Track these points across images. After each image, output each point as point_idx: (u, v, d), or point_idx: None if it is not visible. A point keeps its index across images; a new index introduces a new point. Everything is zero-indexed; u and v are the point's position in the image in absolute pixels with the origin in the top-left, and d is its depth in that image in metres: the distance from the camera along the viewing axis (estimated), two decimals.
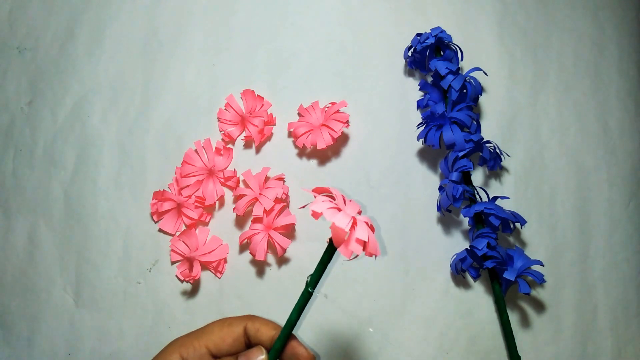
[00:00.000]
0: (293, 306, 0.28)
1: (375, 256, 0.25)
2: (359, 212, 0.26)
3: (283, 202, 0.42)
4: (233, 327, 0.30)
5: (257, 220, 0.42)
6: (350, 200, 0.26)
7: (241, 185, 0.44)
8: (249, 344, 0.31)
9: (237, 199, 0.42)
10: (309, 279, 0.27)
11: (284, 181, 0.44)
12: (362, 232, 0.24)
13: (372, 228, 0.25)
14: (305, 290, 0.27)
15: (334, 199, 0.26)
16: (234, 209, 0.42)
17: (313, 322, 0.42)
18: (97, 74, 0.48)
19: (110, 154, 0.46)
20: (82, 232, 0.45)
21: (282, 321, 0.42)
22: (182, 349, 0.30)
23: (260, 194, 0.41)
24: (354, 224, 0.24)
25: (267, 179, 0.43)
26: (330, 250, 0.26)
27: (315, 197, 0.26)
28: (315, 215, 0.24)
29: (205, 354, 0.30)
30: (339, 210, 0.24)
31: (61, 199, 0.46)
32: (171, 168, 0.45)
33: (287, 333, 0.28)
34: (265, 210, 0.41)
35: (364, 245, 0.24)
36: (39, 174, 0.47)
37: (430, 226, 0.43)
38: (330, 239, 0.26)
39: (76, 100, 0.48)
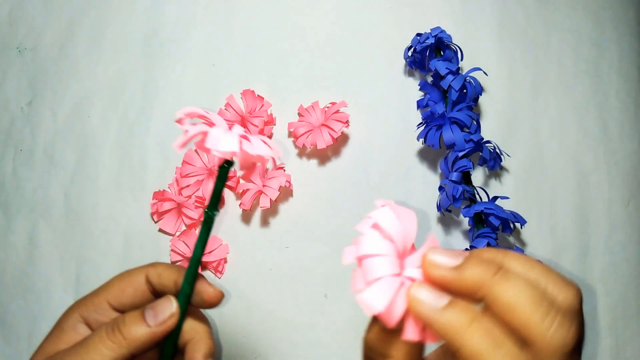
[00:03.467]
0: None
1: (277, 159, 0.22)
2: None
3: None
4: (133, 277, 0.28)
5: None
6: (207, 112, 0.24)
7: (241, 181, 0.44)
8: (155, 292, 0.28)
9: (241, 195, 0.43)
10: (207, 209, 0.25)
11: (284, 170, 0.44)
12: (262, 148, 0.21)
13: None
14: (206, 217, 0.25)
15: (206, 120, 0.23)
16: (240, 205, 0.42)
17: (312, 322, 0.42)
18: (97, 74, 0.48)
19: (110, 154, 0.46)
20: (82, 232, 0.45)
21: (282, 319, 0.42)
22: (81, 308, 0.27)
23: (264, 185, 0.42)
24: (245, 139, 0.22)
25: (266, 171, 0.43)
26: (224, 174, 0.24)
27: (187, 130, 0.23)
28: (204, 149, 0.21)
29: (106, 309, 0.27)
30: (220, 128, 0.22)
31: (61, 199, 0.46)
32: (171, 168, 0.45)
33: (193, 273, 0.26)
34: (271, 201, 0.41)
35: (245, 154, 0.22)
36: (39, 174, 0.47)
37: (430, 226, 0.43)
38: (225, 165, 0.24)
39: (76, 100, 0.48)
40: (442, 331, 0.19)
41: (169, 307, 0.25)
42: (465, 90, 0.41)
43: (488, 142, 0.41)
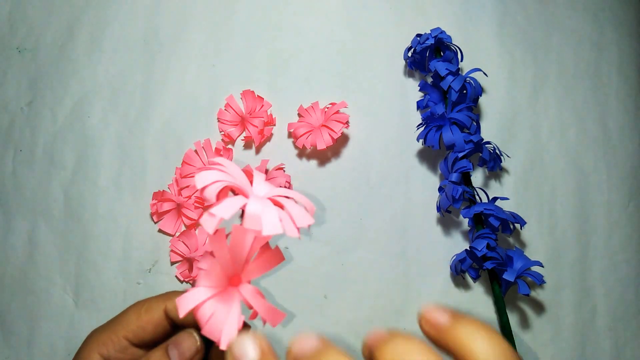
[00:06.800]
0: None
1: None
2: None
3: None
4: (151, 313, 0.27)
5: None
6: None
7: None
8: (174, 324, 0.28)
9: None
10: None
11: (284, 170, 0.44)
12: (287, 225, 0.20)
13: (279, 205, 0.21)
14: None
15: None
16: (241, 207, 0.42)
17: (311, 322, 0.42)
18: (97, 74, 0.48)
19: (110, 154, 0.46)
20: (82, 232, 0.45)
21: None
22: (100, 347, 0.27)
23: None
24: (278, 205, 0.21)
25: (266, 171, 0.43)
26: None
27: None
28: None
29: (126, 346, 0.27)
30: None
31: (61, 199, 0.46)
32: (171, 168, 0.45)
33: None
34: None
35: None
36: (39, 174, 0.47)
37: (430, 227, 0.43)
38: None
39: (76, 100, 0.48)
40: None
41: (193, 344, 0.24)
42: (465, 91, 0.41)
43: (488, 142, 0.41)
